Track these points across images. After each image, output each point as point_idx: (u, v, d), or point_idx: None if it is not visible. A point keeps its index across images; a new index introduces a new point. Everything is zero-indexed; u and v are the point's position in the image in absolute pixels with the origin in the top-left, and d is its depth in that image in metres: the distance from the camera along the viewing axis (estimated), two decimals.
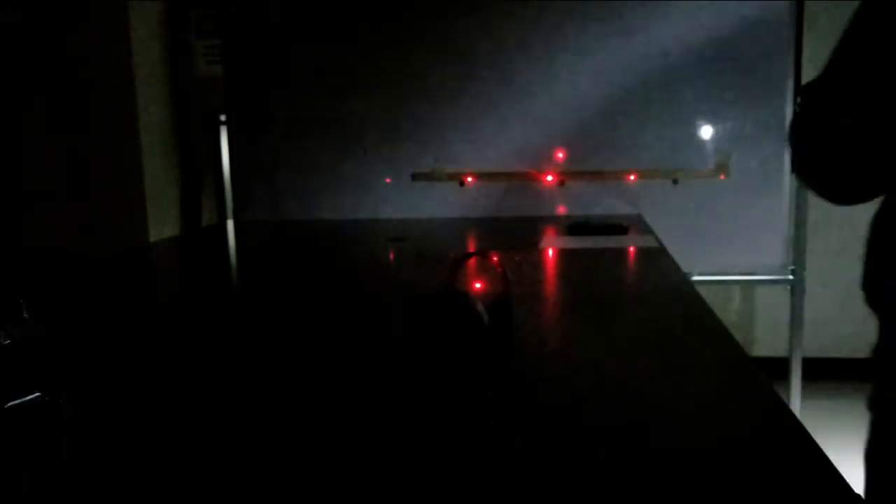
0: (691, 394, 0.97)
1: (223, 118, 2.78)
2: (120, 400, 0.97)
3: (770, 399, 0.91)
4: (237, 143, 2.78)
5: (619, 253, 2.06)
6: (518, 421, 0.86)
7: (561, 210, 2.67)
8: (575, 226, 2.32)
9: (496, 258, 1.19)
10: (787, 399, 3.14)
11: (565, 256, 2.05)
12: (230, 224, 2.75)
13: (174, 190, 2.88)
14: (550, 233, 2.30)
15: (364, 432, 0.84)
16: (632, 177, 2.68)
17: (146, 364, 1.13)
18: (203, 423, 0.89)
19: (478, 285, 1.37)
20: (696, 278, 2.41)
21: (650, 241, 2.14)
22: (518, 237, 2.35)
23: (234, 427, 0.87)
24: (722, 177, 2.71)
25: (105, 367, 1.10)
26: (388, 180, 2.74)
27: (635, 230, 2.28)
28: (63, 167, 2.66)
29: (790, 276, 3.02)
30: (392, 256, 2.15)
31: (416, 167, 2.73)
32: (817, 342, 3.90)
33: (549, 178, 2.69)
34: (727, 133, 2.69)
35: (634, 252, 2.06)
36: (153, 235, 2.70)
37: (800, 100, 1.05)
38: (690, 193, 2.73)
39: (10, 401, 0.77)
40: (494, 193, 2.72)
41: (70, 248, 2.55)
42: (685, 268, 1.90)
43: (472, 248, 2.22)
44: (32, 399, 0.78)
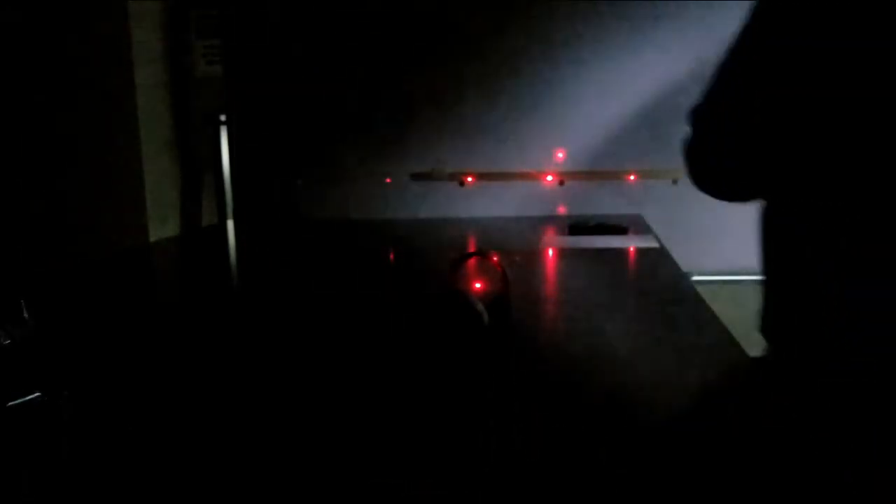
0: (691, 393, 0.97)
1: (223, 118, 2.77)
2: (120, 400, 0.97)
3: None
4: (237, 143, 2.78)
5: (619, 253, 2.06)
6: (518, 421, 0.86)
7: (561, 210, 2.66)
8: (575, 226, 2.32)
9: (496, 258, 1.19)
10: None
11: (565, 256, 2.06)
12: (230, 224, 2.75)
13: (174, 190, 2.87)
14: (550, 233, 2.30)
15: (365, 432, 0.84)
16: (632, 177, 2.68)
17: (146, 364, 1.13)
18: (204, 424, 0.89)
19: (478, 285, 1.37)
20: (696, 278, 2.41)
21: (650, 242, 2.14)
22: (518, 237, 2.35)
23: (236, 427, 0.88)
24: None
25: (105, 367, 1.10)
26: (388, 180, 2.74)
27: (635, 230, 2.28)
28: (62, 167, 2.65)
29: None
30: (392, 256, 2.15)
31: (416, 167, 2.73)
32: None
33: (549, 178, 2.69)
34: None
35: (634, 252, 2.06)
36: (153, 235, 2.69)
37: (687, 124, 1.21)
38: (690, 193, 2.71)
39: (11, 400, 0.77)
40: (494, 193, 2.71)
41: (70, 248, 2.55)
42: (685, 268, 1.90)
43: (472, 248, 2.22)
44: (33, 399, 0.78)
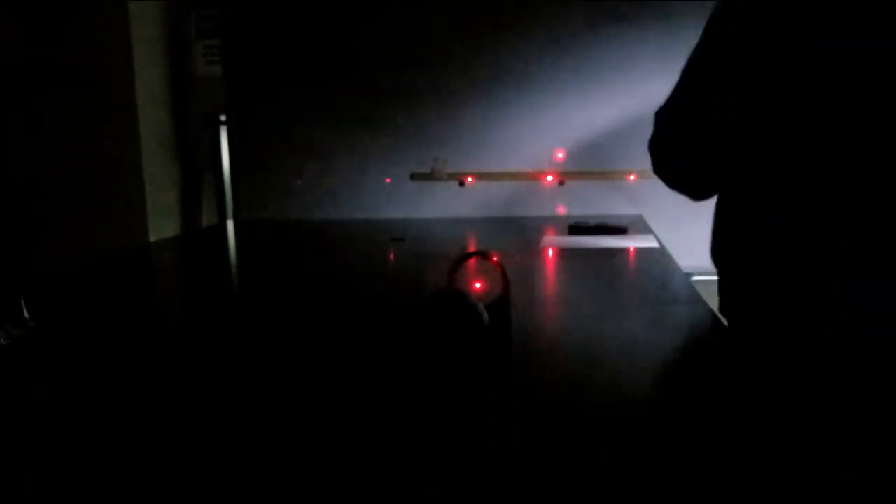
0: (691, 392, 0.97)
1: (223, 118, 2.77)
2: (120, 399, 0.97)
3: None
4: (237, 143, 2.78)
5: (620, 253, 2.06)
6: (518, 421, 0.86)
7: (561, 210, 2.66)
8: (575, 226, 2.32)
9: (496, 258, 1.19)
10: None
11: (565, 256, 2.06)
12: (230, 224, 2.75)
13: (174, 190, 2.88)
14: (550, 233, 2.30)
15: (364, 432, 0.84)
16: (632, 177, 2.68)
17: (146, 364, 1.13)
18: (204, 424, 0.89)
19: (478, 285, 1.37)
20: (697, 278, 2.41)
21: (650, 241, 2.14)
22: (518, 237, 2.35)
23: (235, 427, 0.87)
24: None
25: (105, 368, 1.10)
26: (388, 180, 2.74)
27: (635, 230, 2.28)
28: (63, 167, 2.66)
29: None
30: (392, 256, 2.15)
31: (416, 167, 2.73)
32: None
33: (549, 178, 2.69)
34: None
35: (634, 252, 2.06)
36: (153, 235, 2.69)
37: (653, 123, 1.31)
38: None
39: (10, 400, 0.77)
40: (494, 193, 2.71)
41: (70, 248, 2.55)
42: (685, 268, 1.90)
43: (472, 248, 2.22)
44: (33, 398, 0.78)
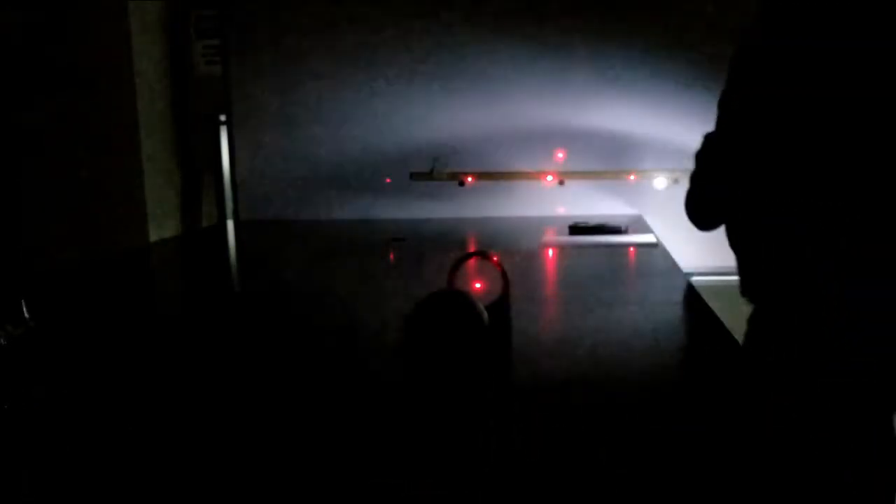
0: (691, 392, 0.97)
1: (223, 118, 2.77)
2: (119, 399, 0.97)
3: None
4: (237, 143, 2.78)
5: (619, 253, 2.06)
6: (518, 421, 0.86)
7: (561, 210, 2.66)
8: (575, 226, 2.32)
9: (496, 258, 1.19)
10: None
11: (565, 256, 2.06)
12: (230, 224, 2.75)
13: (174, 190, 2.88)
14: (550, 233, 2.30)
15: (364, 433, 0.84)
16: (632, 177, 2.68)
17: (146, 363, 1.13)
18: (204, 423, 0.89)
19: (478, 285, 1.37)
20: (696, 278, 2.41)
21: (650, 241, 2.14)
22: (518, 237, 2.35)
23: (236, 427, 0.88)
24: None
25: (105, 367, 1.10)
26: (388, 180, 2.74)
27: (635, 230, 2.28)
28: (63, 167, 2.66)
29: None
30: (392, 256, 2.15)
31: (416, 167, 2.73)
32: None
33: (549, 178, 2.69)
34: None
35: (634, 251, 2.06)
36: (153, 236, 2.69)
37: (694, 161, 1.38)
38: None
39: (10, 400, 0.77)
40: (494, 193, 2.71)
41: (70, 249, 2.55)
42: (685, 267, 1.90)
43: (472, 248, 2.22)
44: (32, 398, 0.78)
